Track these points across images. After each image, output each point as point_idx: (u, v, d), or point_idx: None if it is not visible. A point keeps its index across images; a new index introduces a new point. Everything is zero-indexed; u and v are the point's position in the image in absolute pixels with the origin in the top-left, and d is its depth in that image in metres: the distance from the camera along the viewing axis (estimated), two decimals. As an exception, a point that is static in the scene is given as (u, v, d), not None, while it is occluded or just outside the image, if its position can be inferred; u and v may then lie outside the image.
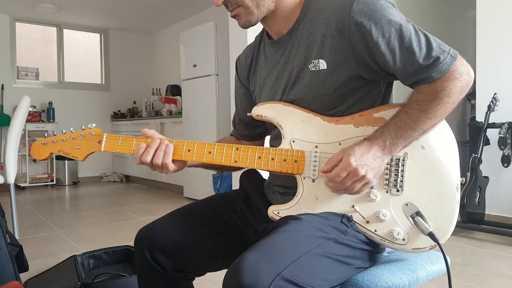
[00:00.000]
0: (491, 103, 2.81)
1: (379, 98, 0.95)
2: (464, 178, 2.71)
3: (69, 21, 6.01)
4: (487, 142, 2.85)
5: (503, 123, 2.78)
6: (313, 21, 0.93)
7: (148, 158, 0.94)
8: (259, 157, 0.94)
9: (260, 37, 1.11)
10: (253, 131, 1.18)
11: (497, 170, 2.94)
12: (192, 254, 1.01)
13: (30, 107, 5.31)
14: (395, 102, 0.97)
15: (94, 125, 1.02)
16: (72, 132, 1.02)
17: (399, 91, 1.04)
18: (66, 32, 6.15)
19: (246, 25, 0.96)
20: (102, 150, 0.99)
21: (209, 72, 4.13)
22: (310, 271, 0.77)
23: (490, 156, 2.92)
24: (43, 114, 5.66)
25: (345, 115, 0.93)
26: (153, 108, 5.70)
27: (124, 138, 0.99)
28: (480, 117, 2.98)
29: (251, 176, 1.13)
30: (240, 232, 1.05)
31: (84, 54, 6.38)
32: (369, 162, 0.83)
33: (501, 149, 2.77)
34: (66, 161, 5.66)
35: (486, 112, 2.82)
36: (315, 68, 0.91)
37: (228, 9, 0.95)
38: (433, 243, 0.87)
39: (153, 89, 6.15)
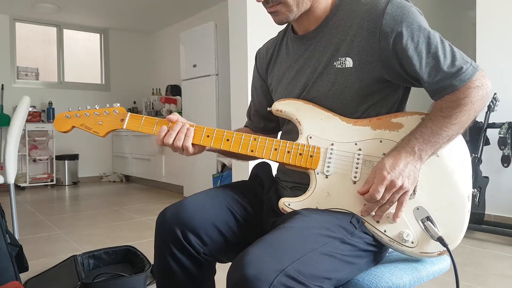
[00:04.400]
0: (491, 103, 2.81)
1: (397, 103, 0.97)
2: (475, 190, 2.71)
3: (69, 21, 6.00)
4: (487, 142, 2.85)
5: (503, 123, 2.78)
6: (343, 20, 0.95)
7: (170, 140, 0.97)
8: (275, 149, 0.95)
9: (284, 32, 1.12)
10: (268, 124, 1.20)
11: (497, 170, 2.94)
12: (222, 239, 0.97)
13: (30, 107, 5.31)
14: (408, 110, 0.99)
15: (118, 104, 1.04)
16: (96, 108, 1.04)
17: (412, 99, 1.05)
18: (66, 32, 6.15)
19: (283, 22, 0.97)
20: (125, 127, 1.01)
21: (209, 72, 4.13)
22: (315, 269, 0.77)
23: (490, 156, 2.92)
24: (43, 114, 5.66)
25: (363, 117, 0.95)
26: (153, 108, 5.70)
27: (147, 118, 1.01)
28: (480, 117, 2.98)
29: (264, 168, 1.14)
30: (258, 221, 1.04)
31: (84, 54, 6.37)
32: (402, 171, 0.84)
33: (501, 149, 2.77)
34: (66, 161, 5.66)
35: (486, 112, 2.82)
36: (341, 66, 0.93)
37: (267, 5, 0.95)
38: (442, 248, 0.87)
39: (153, 89, 6.15)
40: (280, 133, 1.16)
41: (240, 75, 3.11)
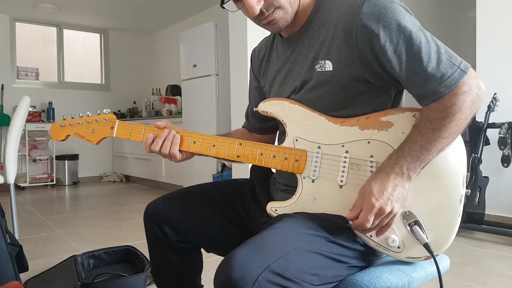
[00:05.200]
0: (491, 103, 2.81)
1: (388, 103, 0.92)
2: (469, 190, 2.69)
3: (69, 21, 6.00)
4: (487, 142, 2.85)
5: (503, 123, 2.78)
6: (323, 21, 0.92)
7: (156, 148, 0.99)
8: (261, 154, 0.95)
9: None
10: (265, 124, 1.18)
11: (497, 170, 2.94)
12: (198, 231, 1.07)
13: (30, 107, 5.31)
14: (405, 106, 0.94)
15: (108, 110, 1.06)
16: (88, 116, 1.06)
17: (411, 98, 1.03)
18: (66, 32, 6.15)
19: (282, 28, 0.94)
20: (114, 136, 1.04)
21: (209, 72, 4.13)
22: (300, 266, 0.77)
23: (490, 156, 2.92)
24: (43, 114, 5.66)
25: (351, 116, 0.91)
26: (153, 108, 5.70)
27: (134, 126, 1.03)
28: (480, 117, 2.98)
29: (261, 169, 1.13)
30: (242, 219, 1.08)
31: (84, 54, 6.38)
32: (391, 195, 0.81)
33: (501, 149, 2.77)
34: (66, 161, 5.66)
35: (486, 112, 2.82)
36: (321, 69, 0.90)
37: (263, 17, 0.90)
38: (428, 253, 0.86)
39: (153, 89, 6.15)
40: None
41: (240, 75, 3.11)
